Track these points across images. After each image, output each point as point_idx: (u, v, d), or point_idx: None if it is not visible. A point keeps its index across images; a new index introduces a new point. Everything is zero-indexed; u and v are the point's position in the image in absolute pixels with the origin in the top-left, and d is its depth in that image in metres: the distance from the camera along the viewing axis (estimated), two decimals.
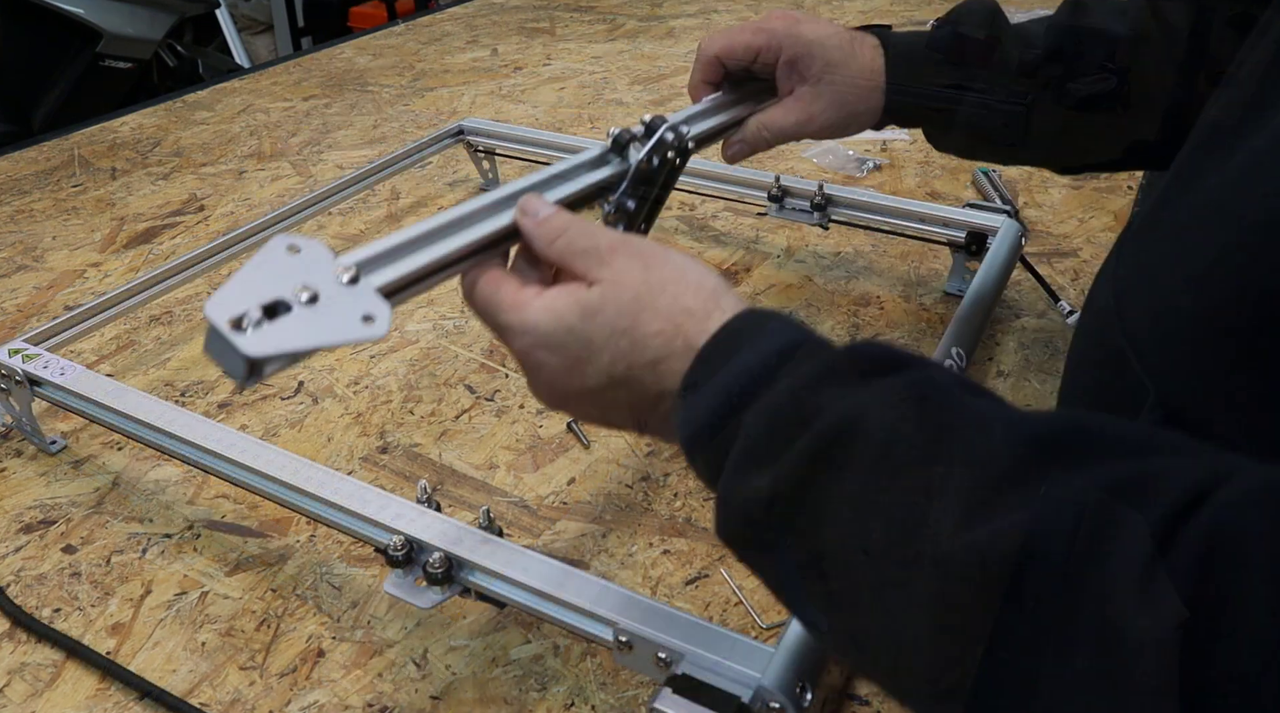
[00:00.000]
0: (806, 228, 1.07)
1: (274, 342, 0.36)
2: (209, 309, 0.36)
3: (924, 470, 0.33)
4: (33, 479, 0.75)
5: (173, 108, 1.54)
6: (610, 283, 0.43)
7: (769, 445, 0.36)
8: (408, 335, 0.91)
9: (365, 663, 0.59)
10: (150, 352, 0.91)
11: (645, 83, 1.55)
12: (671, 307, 0.42)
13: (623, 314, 0.42)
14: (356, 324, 0.39)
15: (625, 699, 0.56)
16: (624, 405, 0.44)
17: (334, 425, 0.80)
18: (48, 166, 1.33)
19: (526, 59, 1.71)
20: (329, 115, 1.47)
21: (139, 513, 0.71)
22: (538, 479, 0.73)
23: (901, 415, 0.34)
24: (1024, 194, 1.12)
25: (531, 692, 0.57)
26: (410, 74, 1.65)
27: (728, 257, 1.02)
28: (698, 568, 0.65)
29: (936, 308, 0.91)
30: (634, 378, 0.42)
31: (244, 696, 0.57)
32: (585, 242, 0.45)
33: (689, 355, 0.41)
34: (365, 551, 0.67)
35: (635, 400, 0.43)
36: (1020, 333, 0.88)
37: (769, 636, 0.59)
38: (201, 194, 1.23)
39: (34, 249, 1.10)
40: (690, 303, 0.42)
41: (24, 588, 0.65)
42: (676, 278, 0.43)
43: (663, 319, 0.42)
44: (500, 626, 0.61)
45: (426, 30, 1.92)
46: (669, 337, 0.41)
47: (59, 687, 0.58)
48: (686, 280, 0.43)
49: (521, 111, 1.46)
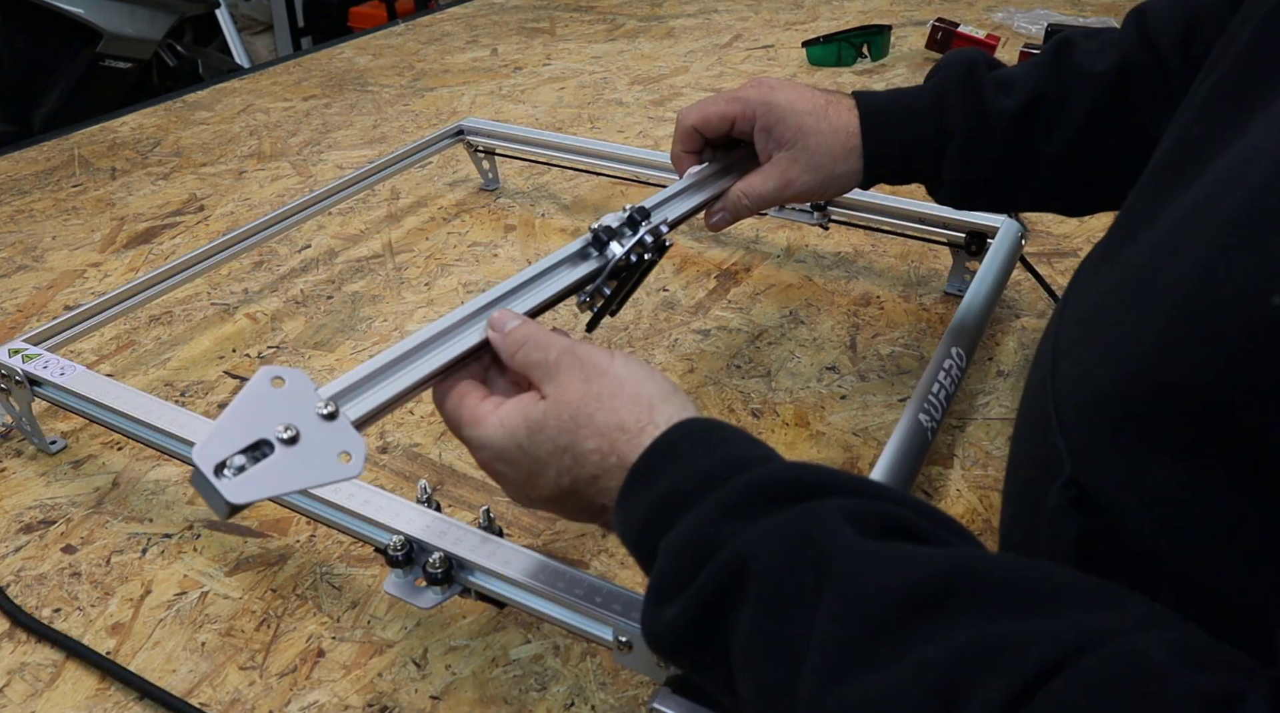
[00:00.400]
0: (806, 228, 1.07)
1: (253, 489, 0.39)
2: (197, 455, 0.39)
3: (803, 617, 0.33)
4: (33, 479, 0.75)
5: (173, 108, 1.54)
6: (553, 400, 0.45)
7: (675, 579, 0.38)
8: (408, 335, 0.91)
9: (365, 663, 0.59)
10: (150, 352, 0.91)
11: (645, 83, 1.55)
12: (607, 422, 0.44)
13: (563, 431, 0.44)
14: (333, 464, 0.42)
15: (625, 699, 0.56)
16: (581, 511, 0.46)
17: None
18: (48, 166, 1.33)
19: (526, 59, 1.71)
20: (329, 115, 1.48)
21: (139, 513, 0.71)
22: None
23: (790, 556, 0.35)
24: None
25: (531, 692, 0.57)
26: (410, 74, 1.65)
27: (728, 257, 1.02)
28: None
29: (936, 308, 0.92)
30: (578, 491, 0.44)
31: (244, 696, 0.57)
32: (538, 354, 0.47)
33: (622, 473, 0.42)
34: (365, 551, 0.67)
35: (585, 508, 0.46)
36: (1020, 333, 0.88)
37: None
38: (201, 194, 1.23)
39: (34, 249, 1.10)
40: (625, 417, 0.43)
41: (24, 588, 0.65)
42: (614, 391, 0.44)
43: (598, 436, 0.43)
44: (500, 626, 0.61)
45: (426, 30, 1.92)
46: (604, 454, 0.43)
47: (59, 687, 0.58)
48: (623, 392, 0.44)
49: (521, 111, 1.46)
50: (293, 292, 1.00)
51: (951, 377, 0.69)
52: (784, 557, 0.35)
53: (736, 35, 1.77)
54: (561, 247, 0.58)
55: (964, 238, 0.88)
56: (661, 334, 0.90)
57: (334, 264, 1.05)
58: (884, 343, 0.87)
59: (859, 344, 0.87)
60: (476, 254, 1.05)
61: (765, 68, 1.59)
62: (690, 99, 1.47)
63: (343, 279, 1.02)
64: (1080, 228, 1.04)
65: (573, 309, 0.91)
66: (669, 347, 0.88)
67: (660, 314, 0.93)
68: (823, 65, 1.58)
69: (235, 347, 0.91)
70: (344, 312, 0.96)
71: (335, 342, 0.91)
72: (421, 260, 1.04)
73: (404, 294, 0.98)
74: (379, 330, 0.92)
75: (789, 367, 0.84)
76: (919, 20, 1.76)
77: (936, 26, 1.56)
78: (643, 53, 1.71)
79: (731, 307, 0.94)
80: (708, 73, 1.58)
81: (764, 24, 1.83)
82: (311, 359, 0.88)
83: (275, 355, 0.89)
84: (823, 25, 1.78)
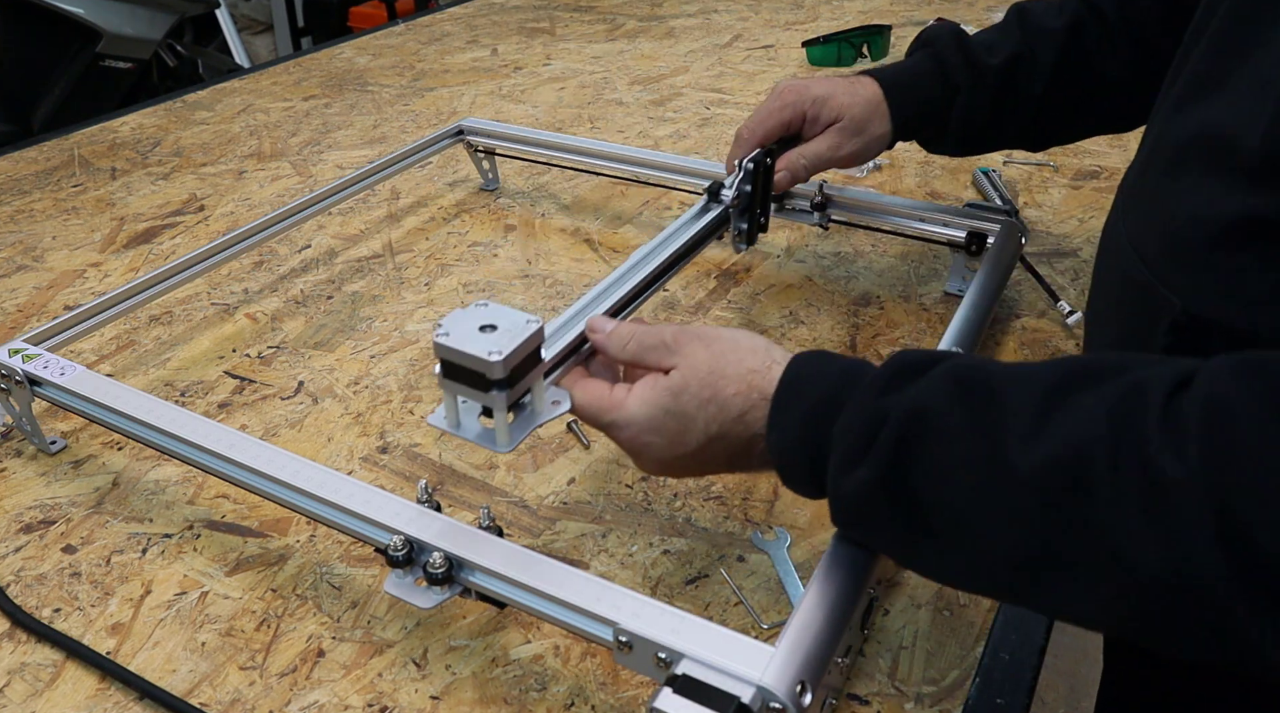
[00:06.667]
0: (806, 228, 1.07)
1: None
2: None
3: (982, 424, 0.42)
4: (33, 479, 0.75)
5: (173, 108, 1.54)
6: (685, 366, 0.53)
7: (859, 446, 0.46)
8: (408, 335, 0.91)
9: (365, 663, 0.59)
10: (150, 352, 0.91)
11: (645, 83, 1.55)
12: (739, 370, 0.52)
13: (705, 386, 0.52)
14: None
15: (625, 699, 0.56)
16: (721, 455, 0.54)
17: (334, 425, 0.80)
18: (48, 166, 1.33)
19: (526, 59, 1.71)
20: (329, 115, 1.48)
21: (139, 513, 0.71)
22: (538, 479, 0.73)
23: (950, 396, 0.44)
24: (1024, 194, 1.12)
25: (531, 692, 0.57)
26: (410, 74, 1.65)
27: (728, 256, 1.02)
28: (698, 568, 0.65)
29: (936, 308, 0.92)
30: (727, 432, 0.52)
31: (244, 696, 0.57)
32: (652, 339, 0.56)
33: (766, 404, 0.51)
34: (365, 551, 0.67)
35: (731, 449, 0.53)
36: (1020, 333, 0.88)
37: (769, 636, 0.59)
38: (201, 194, 1.23)
39: (34, 249, 1.10)
40: (752, 363, 0.53)
41: (24, 588, 0.65)
42: (733, 347, 0.54)
43: (736, 381, 0.52)
44: (500, 626, 0.61)
45: (426, 30, 1.92)
46: (746, 394, 0.52)
47: (59, 687, 0.58)
48: (741, 347, 0.54)
49: (521, 111, 1.46)
50: (293, 292, 1.00)
51: None
52: (948, 395, 0.44)
53: (736, 35, 1.77)
54: (562, 246, 0.59)
55: (964, 238, 0.88)
56: None
57: (334, 264, 1.05)
58: (884, 343, 0.87)
59: (859, 344, 0.87)
60: (476, 254, 1.05)
61: (765, 68, 1.59)
62: (690, 99, 1.47)
63: (343, 279, 1.02)
64: (1080, 228, 1.04)
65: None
66: None
67: (661, 314, 0.93)
68: (823, 65, 1.58)
69: (235, 347, 0.91)
70: (344, 311, 0.96)
71: (335, 342, 0.91)
72: (421, 260, 1.04)
73: (404, 294, 0.98)
74: (379, 330, 0.92)
75: None
76: (919, 20, 1.76)
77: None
78: (643, 53, 1.71)
79: (731, 307, 0.94)
80: (708, 73, 1.58)
81: (764, 24, 1.83)
82: (311, 359, 0.88)
83: (275, 355, 0.89)
84: (823, 25, 1.78)
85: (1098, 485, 0.38)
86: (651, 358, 0.56)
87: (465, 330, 0.52)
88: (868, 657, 0.58)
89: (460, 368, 0.52)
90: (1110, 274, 0.59)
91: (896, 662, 0.57)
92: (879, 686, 0.56)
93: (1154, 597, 0.37)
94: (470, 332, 0.52)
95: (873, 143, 0.81)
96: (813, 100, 0.80)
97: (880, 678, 0.57)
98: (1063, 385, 0.41)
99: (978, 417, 0.42)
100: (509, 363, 0.51)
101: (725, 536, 0.67)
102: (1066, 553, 0.39)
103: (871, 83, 0.81)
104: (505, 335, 0.52)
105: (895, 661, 0.58)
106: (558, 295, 0.96)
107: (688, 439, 0.53)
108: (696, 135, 1.33)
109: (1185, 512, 0.35)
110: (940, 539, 0.44)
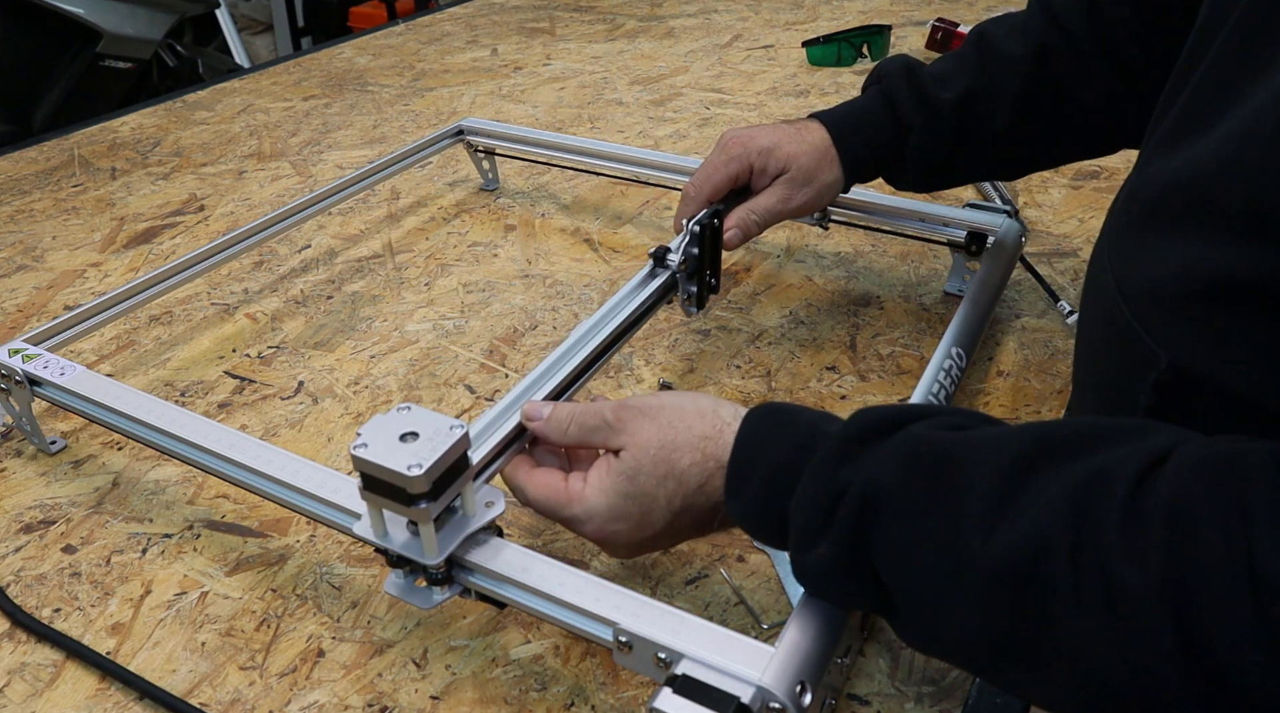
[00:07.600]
0: (806, 228, 1.07)
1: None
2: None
3: (941, 505, 0.40)
4: (33, 479, 0.75)
5: (173, 108, 1.54)
6: (633, 445, 0.52)
7: (818, 523, 0.44)
8: (408, 335, 0.91)
9: (365, 663, 0.59)
10: (150, 352, 0.91)
11: (645, 83, 1.55)
12: (689, 437, 0.51)
13: (658, 462, 0.51)
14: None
15: (625, 699, 0.56)
16: (689, 526, 0.52)
17: (334, 425, 0.80)
18: (48, 166, 1.33)
19: (526, 59, 1.71)
20: (329, 115, 1.48)
21: (139, 513, 0.71)
22: None
23: (908, 470, 0.42)
24: (1024, 194, 1.12)
25: (531, 692, 0.57)
26: (410, 74, 1.65)
27: (728, 257, 1.02)
28: (698, 568, 0.65)
29: (936, 308, 0.92)
30: (690, 505, 0.51)
31: (244, 696, 0.57)
32: (593, 420, 0.54)
33: (722, 471, 0.50)
34: (365, 551, 0.67)
35: (698, 519, 0.52)
36: (1020, 333, 0.88)
37: (769, 636, 0.59)
38: (201, 194, 1.23)
39: (34, 249, 1.10)
40: (702, 429, 0.51)
41: (24, 588, 0.65)
42: (679, 415, 0.52)
43: (690, 451, 0.50)
44: (500, 626, 0.61)
45: (426, 30, 1.92)
46: (701, 463, 0.50)
47: (59, 687, 0.58)
48: (688, 412, 0.52)
49: (521, 111, 1.46)
50: (293, 292, 1.00)
51: (951, 377, 0.69)
52: (905, 471, 0.42)
53: (736, 35, 1.77)
54: (562, 246, 0.59)
55: (964, 238, 0.88)
56: (662, 334, 0.90)
57: (334, 264, 1.05)
58: (884, 343, 0.87)
59: (859, 344, 0.87)
60: (476, 254, 1.05)
61: (765, 68, 1.59)
62: (690, 99, 1.47)
63: (343, 279, 1.02)
64: (1080, 228, 1.04)
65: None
66: (669, 347, 0.88)
67: (660, 314, 0.93)
68: (823, 65, 1.58)
69: (235, 347, 0.91)
70: (344, 312, 0.96)
71: (335, 342, 0.91)
72: (421, 260, 1.04)
73: (404, 294, 0.98)
74: (379, 330, 0.92)
75: (789, 367, 0.84)
76: (919, 20, 1.76)
77: (936, 26, 1.56)
78: (643, 53, 1.71)
79: (731, 307, 0.94)
80: (708, 73, 1.58)
81: (764, 24, 1.83)
82: (311, 359, 0.88)
83: (275, 355, 0.89)
84: (823, 25, 1.78)
85: (1058, 583, 0.36)
86: (596, 439, 0.54)
87: (385, 441, 0.49)
88: (868, 657, 0.58)
89: (381, 482, 0.49)
90: (1095, 316, 0.56)
91: (896, 662, 0.57)
92: (879, 686, 0.56)
93: (1116, 699, 0.36)
94: (390, 442, 0.49)
95: (824, 191, 0.78)
96: (759, 151, 0.77)
97: (880, 678, 0.57)
98: (1024, 463, 0.39)
99: (935, 496, 0.41)
100: (431, 476, 0.48)
101: (725, 535, 0.67)
102: (1027, 645, 0.38)
103: (819, 128, 0.78)
104: (426, 445, 0.49)
105: (895, 661, 0.58)
106: (557, 295, 0.96)
107: (653, 519, 0.51)
108: (696, 135, 1.33)
109: (1145, 621, 0.34)
110: (904, 617, 0.43)
